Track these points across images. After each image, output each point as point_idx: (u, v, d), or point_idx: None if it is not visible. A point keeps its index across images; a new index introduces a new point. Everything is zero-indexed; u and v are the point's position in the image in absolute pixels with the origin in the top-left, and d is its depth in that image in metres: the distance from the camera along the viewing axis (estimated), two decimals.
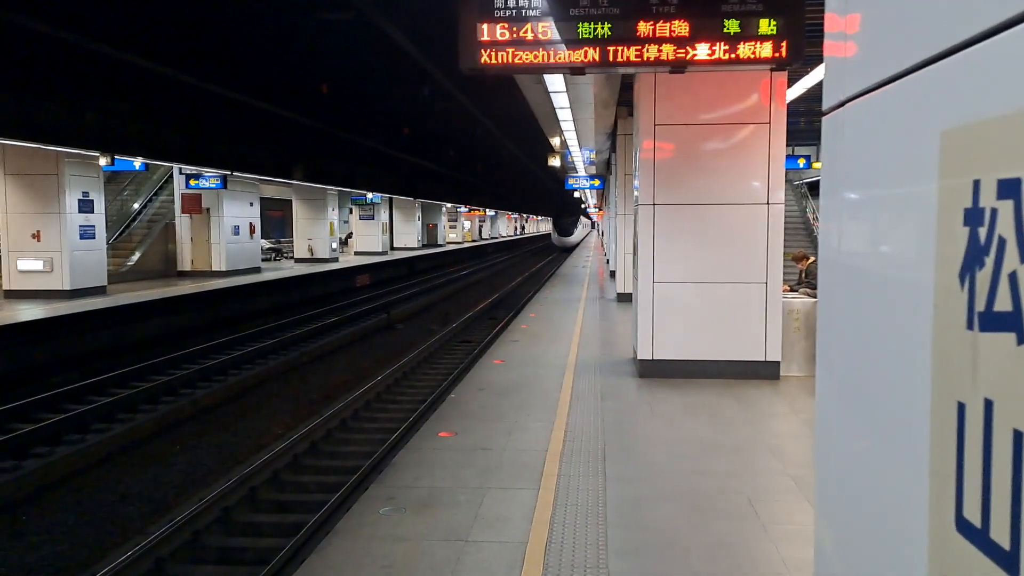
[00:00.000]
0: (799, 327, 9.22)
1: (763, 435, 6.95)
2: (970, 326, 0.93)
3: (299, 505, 7.66)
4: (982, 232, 0.91)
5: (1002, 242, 0.87)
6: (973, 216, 0.93)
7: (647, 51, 6.12)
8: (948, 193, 0.99)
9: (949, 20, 1.01)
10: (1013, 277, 0.85)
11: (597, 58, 6.22)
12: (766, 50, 6.05)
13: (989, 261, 0.90)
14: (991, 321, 0.89)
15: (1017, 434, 0.83)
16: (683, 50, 6.08)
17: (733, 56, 6.09)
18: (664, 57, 6.12)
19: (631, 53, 6.16)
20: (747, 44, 6.02)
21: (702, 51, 6.08)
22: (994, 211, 0.89)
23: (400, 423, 10.16)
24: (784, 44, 6.02)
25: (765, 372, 8.94)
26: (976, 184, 0.93)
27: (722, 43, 6.04)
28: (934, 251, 1.02)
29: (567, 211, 58.50)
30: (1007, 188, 0.86)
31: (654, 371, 9.16)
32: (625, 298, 16.38)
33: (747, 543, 4.67)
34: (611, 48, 6.16)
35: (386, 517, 5.11)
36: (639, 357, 9.35)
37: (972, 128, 0.94)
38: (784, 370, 9.07)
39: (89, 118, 15.94)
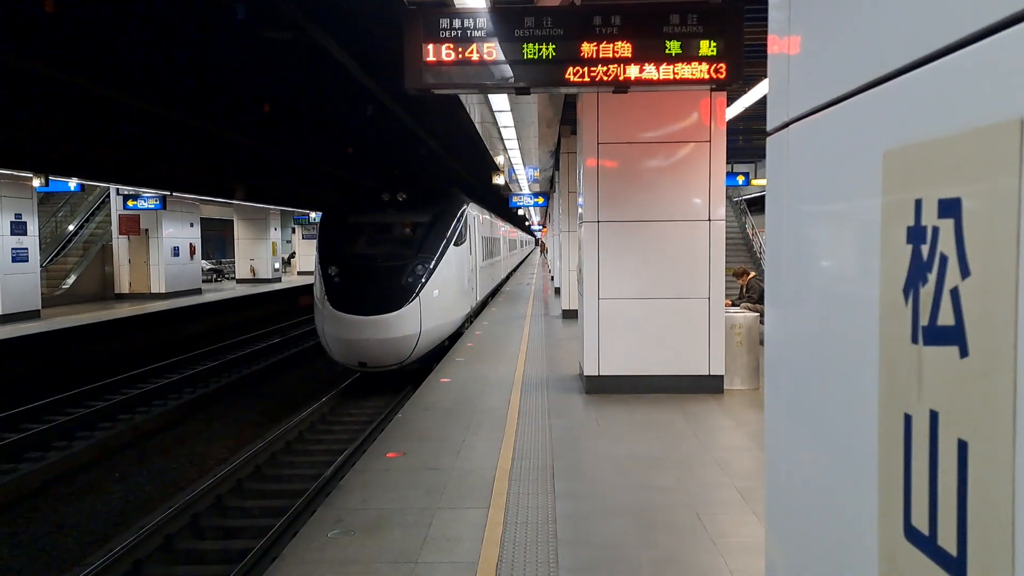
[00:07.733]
0: (741, 341, 9.38)
1: (709, 449, 7.04)
2: (915, 340, 0.96)
3: (244, 531, 7.49)
4: (924, 249, 0.94)
5: (944, 259, 0.90)
6: (915, 234, 0.96)
7: (590, 71, 6.21)
8: (891, 211, 1.03)
9: (890, 44, 1.04)
10: (955, 293, 0.88)
11: (541, 78, 6.29)
12: (706, 71, 6.19)
13: (932, 277, 0.93)
14: (935, 335, 0.92)
15: (962, 444, 0.86)
16: (625, 70, 6.19)
17: (674, 76, 6.21)
18: (607, 77, 6.22)
19: (575, 73, 6.24)
20: (688, 65, 6.15)
21: (644, 71, 6.19)
22: (935, 229, 0.92)
23: (347, 444, 10.03)
24: (724, 65, 6.16)
25: (709, 386, 9.06)
26: (918, 203, 0.96)
27: (664, 64, 6.16)
28: (878, 268, 1.06)
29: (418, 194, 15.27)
30: (948, 207, 0.90)
31: (601, 387, 9.22)
32: (570, 315, 16.46)
33: (696, 557, 4.72)
34: (555, 68, 6.24)
35: (334, 540, 5.02)
36: (586, 373, 9.40)
37: (913, 149, 0.98)
38: (728, 383, 9.21)
39: (21, 138, 15.49)
